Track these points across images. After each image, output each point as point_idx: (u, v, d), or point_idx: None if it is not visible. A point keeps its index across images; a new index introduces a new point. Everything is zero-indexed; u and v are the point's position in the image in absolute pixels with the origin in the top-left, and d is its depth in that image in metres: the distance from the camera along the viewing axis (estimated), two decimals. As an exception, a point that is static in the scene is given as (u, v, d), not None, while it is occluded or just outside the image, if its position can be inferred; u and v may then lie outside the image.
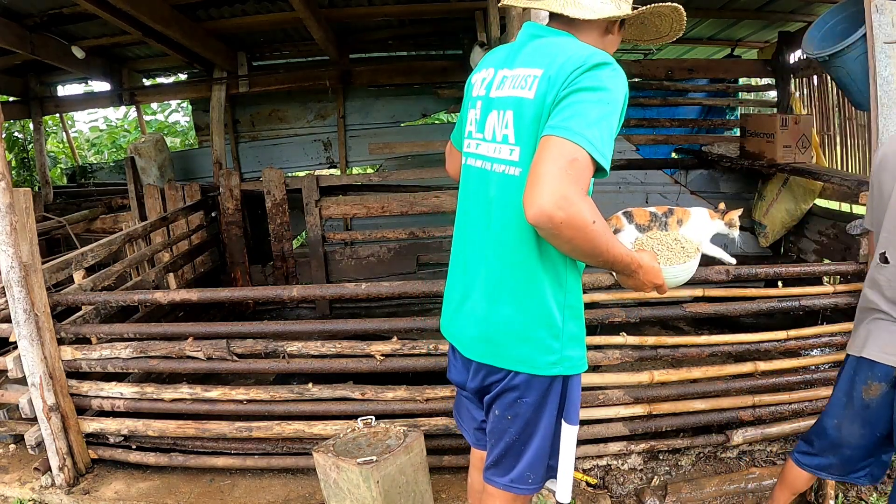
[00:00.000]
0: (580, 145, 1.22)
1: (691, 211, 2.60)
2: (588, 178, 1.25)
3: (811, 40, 3.21)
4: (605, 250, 1.29)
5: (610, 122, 1.27)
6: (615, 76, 1.30)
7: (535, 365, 1.46)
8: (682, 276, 1.55)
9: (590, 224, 1.22)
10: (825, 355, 2.89)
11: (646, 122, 5.32)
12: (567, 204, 1.19)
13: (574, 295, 1.48)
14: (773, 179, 4.48)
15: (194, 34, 4.34)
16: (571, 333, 1.48)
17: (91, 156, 8.99)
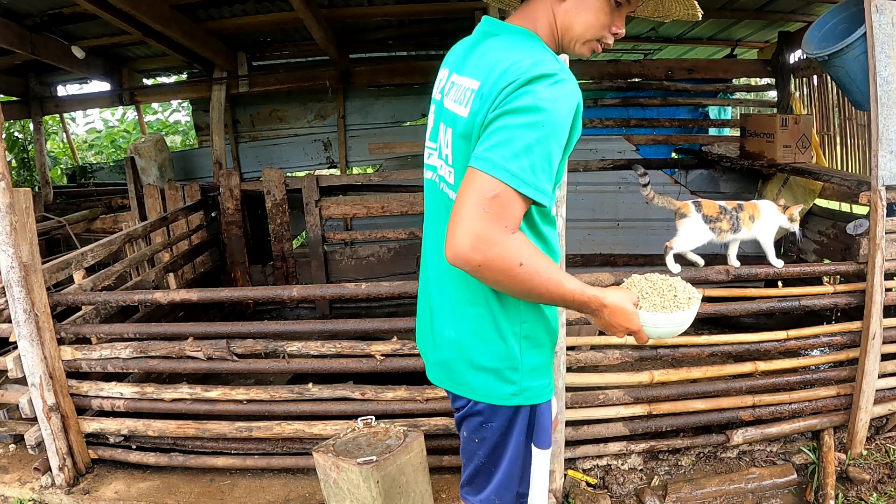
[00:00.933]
0: (501, 180, 1.09)
1: (760, 205, 2.64)
2: (516, 215, 1.13)
3: (811, 40, 3.21)
4: (546, 291, 1.17)
5: (544, 147, 1.12)
6: (555, 90, 1.13)
7: (493, 395, 1.39)
8: (664, 327, 1.35)
9: (515, 266, 1.11)
10: (825, 355, 2.89)
11: (646, 122, 5.31)
12: (485, 246, 1.09)
13: (532, 324, 1.37)
14: (773, 179, 4.48)
15: (194, 34, 4.34)
16: (532, 365, 1.38)
17: (91, 156, 8.99)
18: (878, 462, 2.69)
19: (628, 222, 5.23)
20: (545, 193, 1.14)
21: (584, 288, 1.23)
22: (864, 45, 2.57)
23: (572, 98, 1.16)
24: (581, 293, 1.22)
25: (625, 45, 5.94)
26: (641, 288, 1.42)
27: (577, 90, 1.18)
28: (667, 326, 1.36)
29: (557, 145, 1.15)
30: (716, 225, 2.58)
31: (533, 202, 1.15)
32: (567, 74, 1.17)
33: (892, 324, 2.72)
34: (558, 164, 1.18)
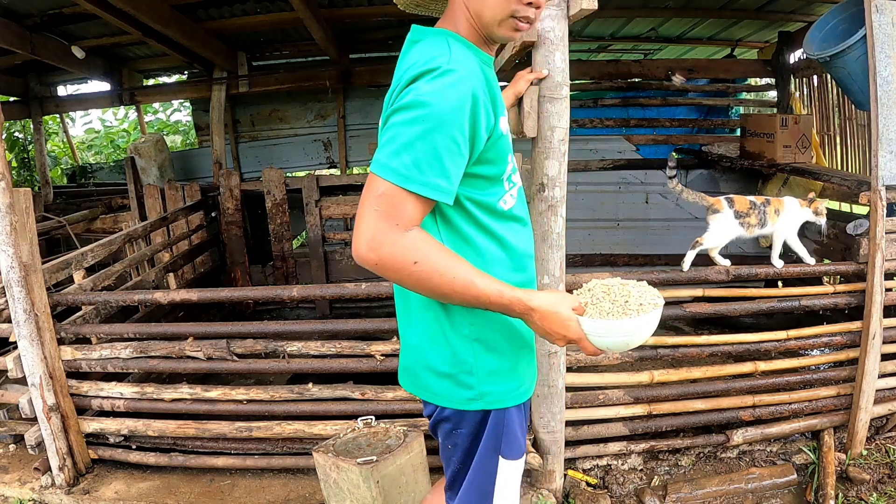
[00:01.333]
0: (386, 179, 1.10)
1: (784, 201, 2.66)
2: (408, 212, 1.11)
3: (812, 41, 3.21)
4: (452, 291, 1.14)
5: (428, 141, 1.09)
6: (437, 83, 1.11)
7: (453, 400, 1.36)
8: (608, 336, 1.22)
9: (409, 265, 1.10)
10: (825, 355, 2.89)
11: (646, 122, 5.31)
12: (377, 245, 1.09)
13: (482, 327, 1.32)
14: (773, 179, 4.48)
15: (194, 34, 4.34)
16: (490, 368, 1.33)
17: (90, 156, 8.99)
18: (878, 462, 2.69)
19: (628, 222, 5.23)
20: (435, 188, 1.11)
21: (504, 289, 1.17)
22: (865, 45, 2.58)
23: (459, 87, 1.12)
24: (499, 295, 1.16)
25: (625, 45, 5.95)
26: (594, 293, 1.30)
27: (467, 79, 1.13)
28: (611, 335, 1.22)
29: (446, 137, 1.11)
30: (745, 220, 2.61)
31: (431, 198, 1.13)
32: (457, 66, 1.14)
33: (892, 324, 2.72)
34: (459, 156, 1.14)
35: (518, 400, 1.40)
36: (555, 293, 1.24)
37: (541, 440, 2.47)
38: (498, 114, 1.24)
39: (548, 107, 2.03)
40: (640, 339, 1.25)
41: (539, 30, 1.99)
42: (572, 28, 2.06)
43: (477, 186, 1.26)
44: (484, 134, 1.18)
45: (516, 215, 1.36)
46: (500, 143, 1.25)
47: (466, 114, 1.12)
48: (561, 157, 2.11)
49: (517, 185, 1.39)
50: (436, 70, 1.12)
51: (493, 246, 1.31)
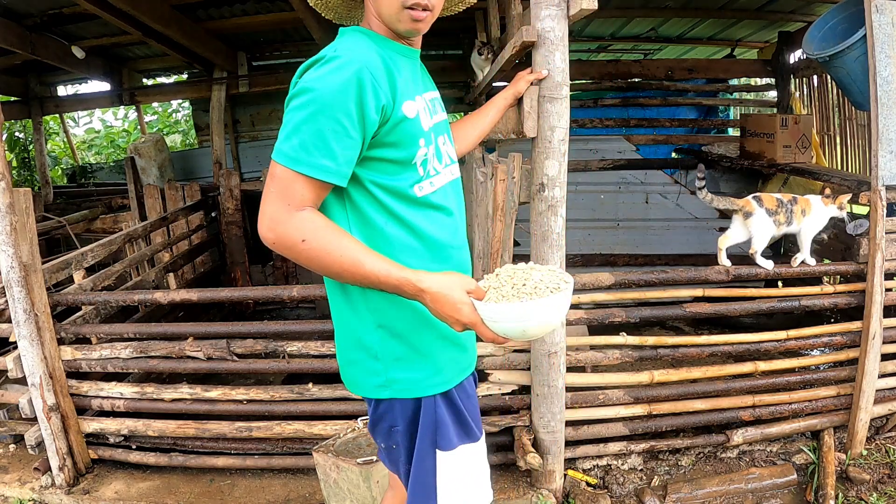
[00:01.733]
0: (278, 161, 1.16)
1: (811, 200, 2.67)
2: (299, 193, 1.16)
3: (811, 40, 3.21)
4: (342, 270, 1.17)
5: (314, 124, 1.14)
6: (323, 69, 1.17)
7: (363, 387, 1.38)
8: (504, 321, 1.16)
9: (298, 243, 1.15)
10: (825, 355, 2.89)
11: (646, 122, 5.31)
12: (274, 224, 1.15)
13: (386, 313, 1.32)
14: (773, 179, 4.48)
15: (194, 34, 4.33)
16: (395, 355, 1.34)
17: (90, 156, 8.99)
18: (878, 462, 2.69)
19: (628, 222, 5.23)
20: (321, 168, 1.15)
21: (393, 269, 1.17)
22: (865, 45, 2.58)
23: (342, 71, 1.16)
24: (387, 274, 1.17)
25: (625, 45, 5.95)
26: (501, 277, 1.26)
27: (351, 63, 1.17)
28: (503, 320, 1.16)
29: (331, 119, 1.15)
30: (776, 218, 2.62)
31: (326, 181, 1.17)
32: (342, 53, 1.19)
33: (892, 324, 2.72)
34: (348, 139, 1.17)
35: (437, 389, 1.37)
36: (450, 275, 1.22)
37: (541, 440, 2.47)
38: (398, 97, 1.25)
39: (548, 107, 2.03)
40: (537, 326, 1.18)
41: (539, 30, 1.99)
42: (572, 28, 2.06)
43: (384, 171, 1.27)
44: (374, 115, 1.19)
45: (435, 203, 1.35)
46: (403, 126, 1.26)
47: (351, 96, 1.16)
48: (561, 157, 2.11)
49: (442, 173, 1.38)
50: (323, 59, 1.19)
51: (402, 233, 1.31)
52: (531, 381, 2.47)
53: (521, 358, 2.51)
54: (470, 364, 1.50)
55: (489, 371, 2.53)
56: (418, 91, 1.35)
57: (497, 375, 2.54)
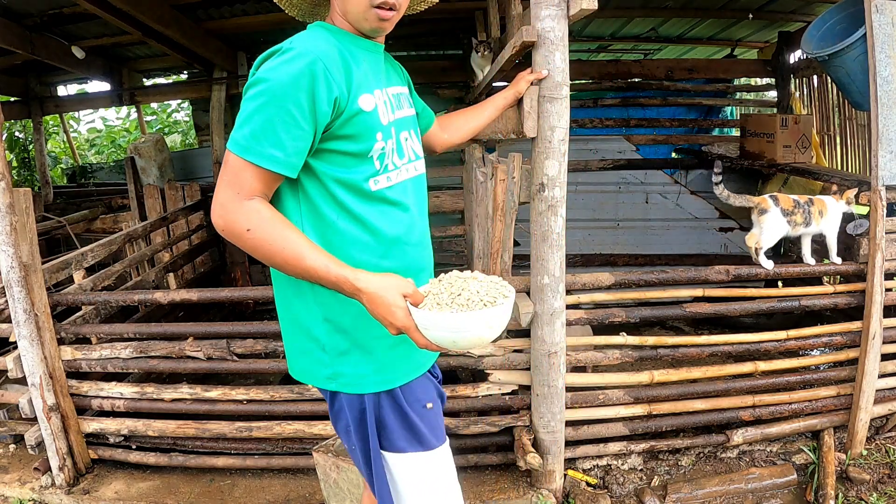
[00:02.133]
0: (230, 150, 1.17)
1: (826, 201, 2.69)
2: (248, 182, 1.17)
3: (810, 39, 3.21)
4: (284, 262, 1.18)
5: (264, 114, 1.15)
6: (276, 61, 1.18)
7: (315, 376, 1.39)
8: (435, 329, 1.15)
9: (244, 232, 1.16)
10: (825, 355, 2.89)
11: (646, 122, 5.32)
12: (224, 211, 1.17)
13: (331, 308, 1.32)
14: (773, 179, 4.48)
15: (194, 34, 4.33)
16: (341, 349, 1.34)
17: (91, 156, 8.99)
18: (878, 462, 2.69)
19: (628, 222, 5.23)
20: (269, 158, 1.16)
21: (332, 266, 1.17)
22: (864, 45, 2.58)
23: (295, 62, 1.17)
24: (326, 270, 1.17)
25: (625, 45, 5.94)
26: (442, 284, 1.25)
27: (305, 55, 1.18)
28: (435, 329, 1.15)
29: (281, 110, 1.15)
30: (791, 218, 2.63)
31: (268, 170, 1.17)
32: (297, 45, 1.20)
33: (892, 324, 2.72)
34: (299, 129, 1.17)
35: (381, 387, 1.36)
36: (390, 277, 1.21)
37: (541, 440, 2.47)
38: (353, 90, 1.24)
39: (548, 107, 2.03)
40: (468, 339, 1.16)
41: (539, 30, 1.99)
42: (572, 28, 2.06)
43: (339, 163, 1.27)
44: (325, 107, 1.19)
45: (390, 198, 1.34)
46: (359, 119, 1.26)
47: (303, 87, 1.16)
48: (561, 157, 2.11)
49: (401, 169, 1.38)
50: (278, 51, 1.21)
51: (354, 228, 1.30)
52: (531, 381, 2.47)
53: (521, 358, 2.51)
54: (422, 364, 1.46)
55: (489, 371, 2.53)
56: (379, 84, 1.34)
57: (497, 375, 2.54)
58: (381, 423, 1.37)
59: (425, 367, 1.47)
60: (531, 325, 2.37)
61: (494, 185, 2.48)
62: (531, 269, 2.31)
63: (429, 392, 1.46)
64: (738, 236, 5.13)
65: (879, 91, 2.48)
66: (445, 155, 6.05)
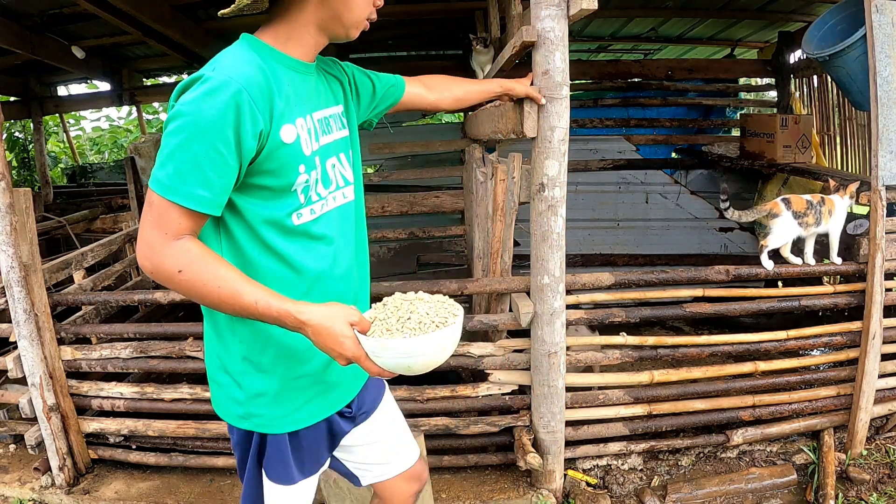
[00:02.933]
0: (153, 190, 1.10)
1: (833, 199, 2.71)
2: (175, 222, 1.11)
3: (811, 40, 3.21)
4: (219, 301, 1.12)
5: (188, 150, 1.08)
6: (197, 92, 1.10)
7: (228, 413, 1.36)
8: (384, 356, 1.12)
9: (175, 274, 1.11)
10: (825, 355, 2.89)
11: (646, 122, 5.32)
12: (149, 252, 1.11)
13: (251, 346, 1.29)
14: (773, 179, 4.48)
15: (194, 34, 4.34)
16: (256, 390, 1.30)
17: (92, 155, 9.00)
18: (878, 462, 2.69)
19: (628, 222, 5.23)
20: (196, 199, 1.10)
21: (273, 301, 1.12)
22: (865, 45, 2.58)
23: (219, 94, 1.09)
24: (266, 306, 1.11)
25: (625, 45, 5.94)
26: (388, 308, 1.22)
27: (229, 85, 1.10)
28: (390, 356, 1.11)
29: (207, 146, 1.09)
30: (803, 220, 2.64)
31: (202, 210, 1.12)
32: (222, 73, 1.11)
33: (892, 324, 2.72)
34: (224, 166, 1.11)
35: (287, 428, 1.34)
36: (333, 307, 1.15)
37: (541, 440, 2.47)
38: (275, 121, 1.17)
39: (548, 107, 2.03)
40: (423, 362, 1.14)
41: (539, 30, 1.99)
42: (572, 28, 2.06)
43: (260, 197, 1.21)
44: (251, 141, 1.13)
45: (313, 232, 1.28)
46: (281, 153, 1.19)
47: (229, 122, 1.09)
48: (561, 157, 2.11)
49: (326, 199, 1.31)
50: (199, 79, 1.12)
51: (276, 265, 1.25)
52: (531, 381, 2.47)
53: (521, 358, 2.51)
54: (340, 401, 1.44)
55: (489, 371, 2.53)
56: (302, 111, 1.25)
57: (497, 375, 2.54)
58: (274, 457, 1.37)
59: (347, 401, 1.46)
60: (531, 325, 2.37)
61: (494, 185, 2.48)
62: (531, 269, 2.31)
63: (320, 433, 1.44)
64: (738, 236, 5.13)
65: (879, 91, 2.48)
66: (445, 155, 6.08)
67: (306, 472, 1.43)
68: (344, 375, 1.42)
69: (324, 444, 1.46)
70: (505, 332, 2.59)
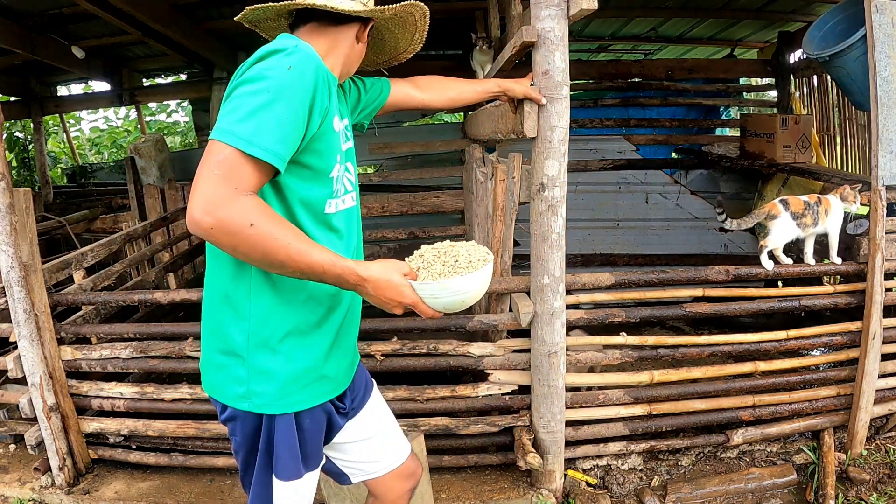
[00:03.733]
0: (228, 143, 1.11)
1: (830, 199, 2.73)
2: (247, 177, 1.12)
3: (811, 40, 3.21)
4: (287, 258, 1.14)
5: (271, 111, 1.13)
6: (281, 59, 1.18)
7: (225, 394, 1.37)
8: (443, 296, 1.27)
9: (246, 227, 1.10)
10: (825, 355, 2.89)
11: (646, 122, 5.32)
12: (214, 208, 1.08)
13: (265, 325, 1.32)
14: (773, 179, 4.48)
15: (194, 34, 4.34)
16: (262, 367, 1.33)
17: (91, 156, 8.99)
18: (878, 462, 2.69)
19: (628, 222, 5.23)
20: (274, 154, 1.14)
21: (336, 259, 1.19)
22: (865, 45, 2.58)
23: (303, 65, 1.19)
24: (332, 264, 1.18)
25: (625, 45, 5.94)
26: (426, 258, 1.36)
27: (310, 61, 1.21)
28: (445, 295, 1.27)
29: (288, 109, 1.15)
30: (801, 220, 2.66)
31: (268, 165, 1.15)
32: (304, 50, 1.22)
33: (892, 324, 2.72)
34: (297, 130, 1.18)
35: (285, 409, 1.36)
36: (383, 262, 1.27)
37: (541, 440, 2.47)
38: (332, 108, 1.29)
39: (548, 107, 2.03)
40: (473, 296, 1.32)
41: (539, 30, 1.99)
42: (572, 28, 2.06)
43: (301, 177, 1.27)
44: (318, 116, 1.22)
45: (334, 224, 1.37)
46: (329, 137, 1.30)
47: (308, 91, 1.19)
48: (561, 157, 2.10)
49: (344, 197, 1.41)
50: (282, 51, 1.20)
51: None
52: (531, 381, 2.47)
53: (521, 358, 2.51)
54: (334, 390, 1.47)
55: (489, 371, 2.53)
56: (342, 114, 1.40)
57: (497, 375, 2.54)
58: (279, 447, 1.38)
59: (336, 392, 1.48)
60: (531, 325, 2.37)
61: (494, 185, 2.48)
62: (531, 269, 2.31)
63: (320, 421, 1.46)
64: (738, 236, 5.13)
65: (879, 91, 2.48)
66: (445, 155, 6.08)
67: (310, 464, 1.45)
68: (339, 367, 1.47)
69: (322, 437, 1.48)
70: (505, 332, 2.59)
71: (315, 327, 1.37)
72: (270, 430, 1.38)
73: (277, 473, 1.40)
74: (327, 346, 1.41)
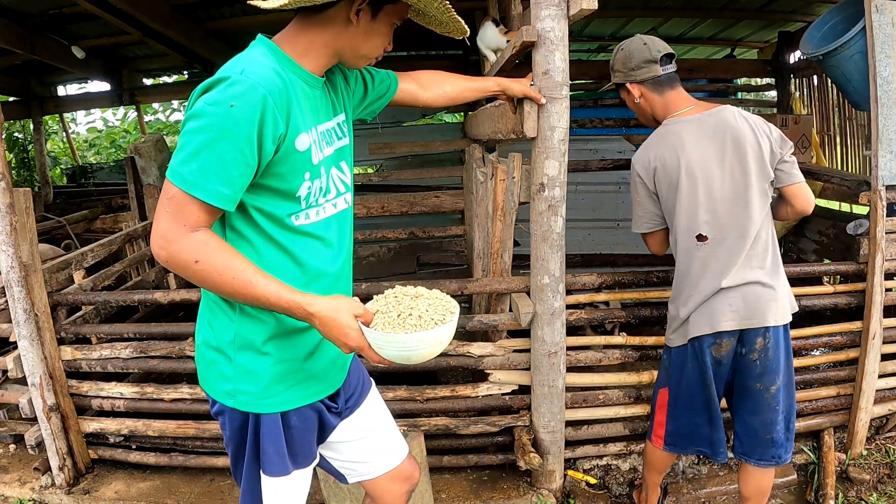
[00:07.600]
0: (174, 184, 1.14)
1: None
2: (194, 215, 1.16)
3: (810, 40, 3.20)
4: (233, 290, 1.18)
5: (214, 150, 1.13)
6: (226, 93, 1.14)
7: (214, 389, 1.40)
8: (387, 349, 1.22)
9: (192, 264, 1.16)
10: (825, 355, 2.89)
11: (646, 122, 5.32)
12: (166, 243, 1.16)
13: (251, 326, 1.34)
14: (773, 179, 4.48)
15: (194, 34, 4.34)
16: (247, 367, 1.35)
17: (91, 156, 8.99)
18: (878, 462, 2.69)
19: (628, 222, 5.20)
20: (218, 196, 1.16)
21: (283, 292, 1.19)
22: (859, 44, 2.57)
23: (246, 97, 1.14)
24: (278, 297, 1.19)
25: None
26: (388, 300, 1.30)
27: (255, 89, 1.15)
28: (390, 348, 1.22)
29: (233, 147, 1.14)
30: None
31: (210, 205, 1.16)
32: (247, 76, 1.16)
33: (892, 324, 2.72)
34: (245, 166, 1.17)
35: (272, 409, 1.38)
36: (339, 299, 1.25)
37: (541, 440, 2.47)
38: (292, 128, 1.23)
39: (548, 107, 2.03)
40: (421, 356, 1.24)
41: (539, 30, 1.99)
42: (572, 28, 2.06)
43: (264, 195, 1.26)
44: (271, 145, 1.19)
45: (313, 233, 1.35)
46: (293, 158, 1.25)
47: (254, 124, 1.15)
48: (561, 157, 2.11)
49: (325, 206, 1.37)
50: (225, 80, 1.16)
51: (278, 256, 1.32)
52: (531, 381, 2.47)
53: (521, 358, 2.51)
54: (323, 391, 1.48)
55: (489, 371, 2.53)
56: (315, 122, 1.33)
57: (497, 375, 2.54)
58: (265, 444, 1.40)
59: (326, 393, 1.49)
60: (531, 325, 2.37)
61: (494, 185, 2.48)
62: (531, 269, 2.31)
63: (310, 420, 1.47)
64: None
65: (879, 91, 2.48)
66: (445, 155, 6.07)
67: (299, 462, 1.45)
68: (327, 368, 1.47)
69: (313, 436, 1.49)
70: (505, 332, 2.59)
71: (301, 329, 1.37)
72: (257, 428, 1.39)
73: (265, 469, 1.42)
74: (313, 348, 1.41)
